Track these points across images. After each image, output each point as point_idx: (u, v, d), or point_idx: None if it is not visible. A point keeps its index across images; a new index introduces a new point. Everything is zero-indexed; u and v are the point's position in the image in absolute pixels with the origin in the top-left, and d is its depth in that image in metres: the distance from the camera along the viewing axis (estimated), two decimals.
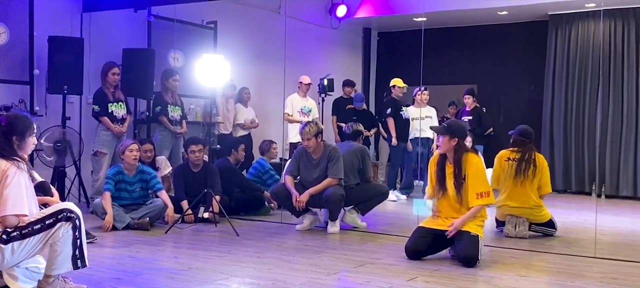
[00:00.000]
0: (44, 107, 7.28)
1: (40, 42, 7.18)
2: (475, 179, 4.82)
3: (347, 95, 9.92)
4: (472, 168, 4.85)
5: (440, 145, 4.94)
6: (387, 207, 7.71)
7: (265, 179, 7.73)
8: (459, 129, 4.97)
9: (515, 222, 6.04)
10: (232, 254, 5.01)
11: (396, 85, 9.17)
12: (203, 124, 8.71)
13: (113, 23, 8.02)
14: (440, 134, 4.93)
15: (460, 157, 4.85)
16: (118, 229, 5.93)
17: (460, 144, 4.88)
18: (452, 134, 4.87)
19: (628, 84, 9.80)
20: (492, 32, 11.09)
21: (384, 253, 5.12)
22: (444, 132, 4.89)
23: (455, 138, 4.86)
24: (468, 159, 4.87)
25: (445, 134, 4.88)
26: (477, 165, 4.88)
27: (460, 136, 4.90)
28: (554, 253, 5.31)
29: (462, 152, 4.87)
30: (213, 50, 8.54)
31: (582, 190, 10.18)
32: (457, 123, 5.31)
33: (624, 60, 9.83)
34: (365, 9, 11.05)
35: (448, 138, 4.86)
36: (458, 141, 4.87)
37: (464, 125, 5.30)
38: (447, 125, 5.01)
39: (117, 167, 6.30)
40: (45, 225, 3.45)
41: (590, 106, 10.12)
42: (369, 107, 10.66)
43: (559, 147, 10.28)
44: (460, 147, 4.88)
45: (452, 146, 4.87)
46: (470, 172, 4.83)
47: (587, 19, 10.13)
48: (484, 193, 4.82)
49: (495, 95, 11.08)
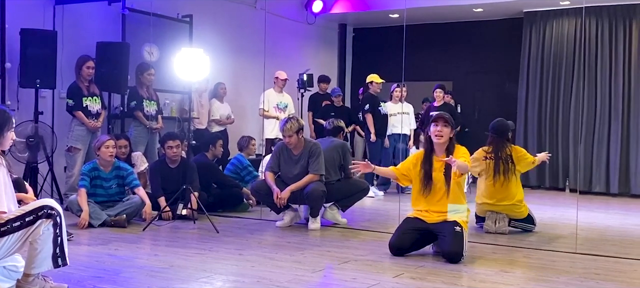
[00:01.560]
0: (15, 102, 7.08)
1: (12, 34, 6.98)
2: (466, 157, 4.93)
3: (323, 91, 9.88)
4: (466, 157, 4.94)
5: (443, 134, 4.87)
6: (365, 203, 7.68)
7: (243, 175, 7.64)
8: (453, 122, 5.02)
9: (495, 217, 6.06)
10: (213, 251, 4.92)
11: (374, 81, 9.15)
12: (178, 119, 8.59)
13: (87, 16, 7.86)
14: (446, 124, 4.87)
15: (453, 146, 4.90)
16: (94, 226, 5.80)
17: (453, 138, 4.95)
18: (453, 126, 4.95)
19: (601, 81, 9.92)
20: (467, 29, 11.14)
21: (367, 250, 5.08)
22: (448, 123, 4.88)
23: (453, 130, 4.94)
24: (461, 151, 4.94)
25: (448, 125, 4.89)
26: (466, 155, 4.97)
27: (455, 128, 5.01)
28: (535, 249, 5.34)
29: (454, 143, 4.94)
30: (188, 44, 8.41)
31: (556, 186, 10.29)
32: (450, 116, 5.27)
33: (598, 58, 9.96)
34: (341, 5, 11.01)
35: (449, 129, 4.90)
36: (454, 134, 4.95)
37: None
38: (449, 118, 4.98)
39: (93, 163, 6.15)
40: (25, 222, 3.33)
41: (564, 103, 10.23)
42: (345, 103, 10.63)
43: (533, 143, 10.37)
44: (453, 139, 4.95)
45: (449, 138, 4.90)
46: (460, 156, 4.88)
47: (562, 17, 10.23)
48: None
49: (471, 92, 11.15)
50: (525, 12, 10.44)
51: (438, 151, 4.91)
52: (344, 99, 10.71)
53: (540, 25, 10.41)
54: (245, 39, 9.55)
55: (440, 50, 11.42)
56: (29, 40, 6.89)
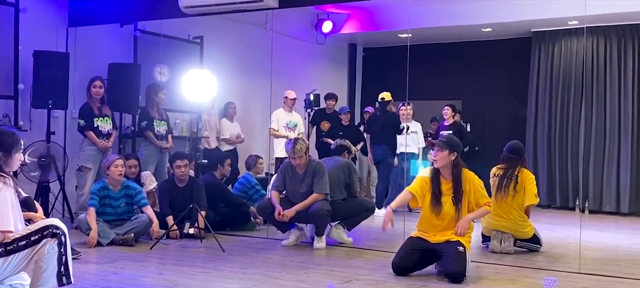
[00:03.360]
0: (28, 122, 7.23)
1: (25, 56, 7.14)
2: (480, 192, 4.87)
3: (330, 108, 9.92)
4: (472, 184, 4.87)
5: (437, 159, 4.90)
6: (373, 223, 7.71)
7: (251, 194, 7.71)
8: (457, 143, 4.96)
9: (500, 237, 6.08)
10: (217, 270, 4.99)
11: (384, 98, 9.19)
12: (189, 139, 8.69)
13: (99, 38, 8.00)
14: (441, 147, 4.87)
15: (460, 171, 4.84)
16: (102, 245, 5.89)
17: (458, 160, 4.88)
18: (452, 148, 4.85)
19: (610, 100, 9.91)
20: (476, 49, 11.18)
21: (371, 269, 5.12)
22: (444, 146, 4.86)
23: (454, 152, 4.85)
24: (469, 176, 4.89)
25: (445, 148, 4.85)
26: (475, 179, 4.91)
27: (459, 151, 4.91)
28: (539, 269, 5.34)
29: (460, 167, 4.87)
30: (199, 65, 8.54)
31: (566, 205, 10.24)
32: (454, 137, 5.23)
33: (607, 77, 9.95)
34: (350, 25, 11.11)
35: (447, 152, 4.83)
36: (456, 156, 4.86)
37: (459, 141, 5.28)
38: (446, 139, 4.96)
39: (102, 183, 6.26)
40: (31, 241, 3.42)
41: (573, 122, 10.22)
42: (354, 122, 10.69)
43: (542, 162, 10.35)
44: (459, 163, 4.88)
45: (451, 161, 4.85)
46: (472, 187, 4.85)
47: (570, 36, 10.25)
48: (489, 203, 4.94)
49: (480, 111, 11.15)
50: (534, 31, 10.47)
51: (444, 174, 4.93)
52: (354, 118, 10.77)
53: (548, 44, 10.43)
54: (256, 59, 9.66)
55: (449, 70, 11.46)
56: (42, 62, 7.04)
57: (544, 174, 10.32)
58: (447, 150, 4.84)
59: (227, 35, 9.52)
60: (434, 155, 4.89)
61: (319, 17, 10.89)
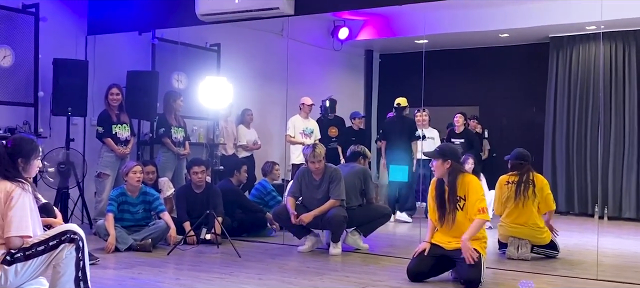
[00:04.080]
0: (48, 129, 7.33)
1: (45, 64, 7.25)
2: (475, 196, 4.84)
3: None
4: (470, 186, 4.86)
5: (435, 169, 4.96)
6: (389, 229, 7.71)
7: (267, 200, 7.74)
8: (450, 151, 5.00)
9: (517, 244, 6.05)
10: (234, 276, 5.02)
11: (400, 104, 9.18)
12: (206, 145, 8.74)
13: (117, 45, 8.09)
14: (433, 157, 4.97)
15: (455, 179, 4.87)
16: (120, 251, 5.95)
17: (454, 166, 4.90)
18: (444, 156, 4.90)
19: (629, 106, 9.82)
20: (493, 55, 11.14)
21: (387, 276, 5.12)
22: (437, 156, 4.93)
23: (448, 160, 4.88)
24: (465, 180, 4.89)
25: (438, 157, 4.91)
26: (473, 183, 4.90)
27: (453, 158, 4.92)
28: (556, 276, 5.31)
29: (456, 173, 4.89)
30: (216, 72, 8.61)
31: (585, 212, 10.15)
32: (449, 146, 5.34)
33: (625, 82, 9.86)
34: (367, 32, 11.12)
35: (441, 161, 4.89)
36: (451, 163, 4.88)
37: (456, 148, 5.34)
38: (439, 149, 5.04)
39: (120, 189, 6.32)
40: (49, 246, 3.47)
41: (592, 128, 10.13)
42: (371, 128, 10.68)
43: (561, 168, 10.28)
44: (454, 169, 4.89)
45: (446, 169, 4.89)
46: (470, 190, 4.85)
47: (588, 42, 10.18)
48: (483, 209, 4.82)
49: (497, 117, 11.10)
50: (551, 37, 10.41)
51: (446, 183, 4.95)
52: (370, 124, 10.76)
53: (566, 50, 10.36)
54: (272, 66, 9.70)
55: (466, 76, 11.43)
56: (61, 70, 7.14)
57: (562, 180, 10.24)
58: (440, 159, 4.90)
59: (244, 42, 9.58)
60: (432, 166, 4.99)
61: (335, 23, 10.92)
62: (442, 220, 4.93)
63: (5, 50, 7.00)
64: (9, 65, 7.04)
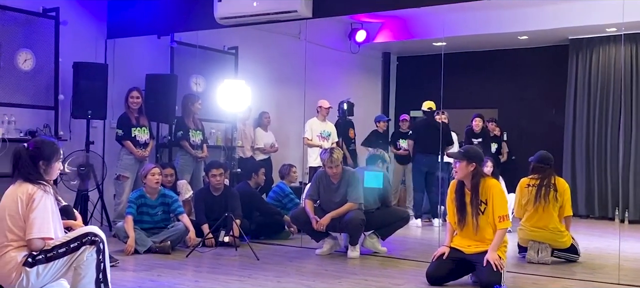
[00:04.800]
0: (68, 132, 7.39)
1: (65, 68, 7.32)
2: (498, 202, 4.80)
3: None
4: (493, 191, 4.82)
5: (457, 171, 4.91)
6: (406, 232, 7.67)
7: (285, 203, 7.75)
8: (475, 153, 4.95)
9: (537, 247, 6.00)
10: (252, 278, 5.02)
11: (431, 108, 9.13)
12: (223, 148, 8.77)
13: (137, 49, 8.15)
14: (457, 159, 4.91)
15: (478, 182, 4.83)
16: (140, 253, 5.98)
17: (478, 170, 4.86)
18: (469, 159, 4.84)
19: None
20: (512, 57, 11.08)
21: (405, 279, 5.10)
22: (461, 157, 4.87)
23: (472, 163, 4.83)
24: (486, 184, 4.85)
25: (462, 159, 4.86)
26: (497, 188, 4.86)
27: (477, 161, 4.87)
28: (576, 280, 5.26)
29: (479, 177, 4.85)
30: (234, 75, 8.63)
31: (605, 215, 10.05)
32: (473, 148, 5.27)
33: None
34: (384, 34, 11.10)
35: (466, 163, 4.83)
36: (475, 166, 4.84)
37: (480, 151, 5.26)
38: (464, 151, 4.99)
39: (140, 191, 6.36)
40: (70, 248, 3.50)
41: (612, 130, 10.03)
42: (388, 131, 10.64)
43: (581, 172, 10.19)
44: (478, 173, 4.85)
45: (470, 171, 4.84)
46: (493, 195, 4.81)
47: (608, 44, 10.08)
48: (503, 217, 4.79)
49: (517, 119, 11.03)
50: (571, 39, 10.32)
51: (467, 186, 4.91)
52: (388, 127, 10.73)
53: (586, 52, 10.27)
54: (290, 69, 9.72)
55: (485, 78, 11.37)
56: (81, 73, 7.20)
57: (582, 184, 10.15)
58: (465, 161, 4.83)
59: (262, 45, 9.60)
60: (454, 167, 4.93)
61: (353, 26, 10.91)
62: (461, 223, 4.89)
63: (26, 54, 7.07)
64: (30, 69, 7.11)
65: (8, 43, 6.93)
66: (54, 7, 7.25)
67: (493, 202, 4.79)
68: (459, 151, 5.08)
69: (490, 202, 4.81)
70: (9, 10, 6.95)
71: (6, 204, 3.54)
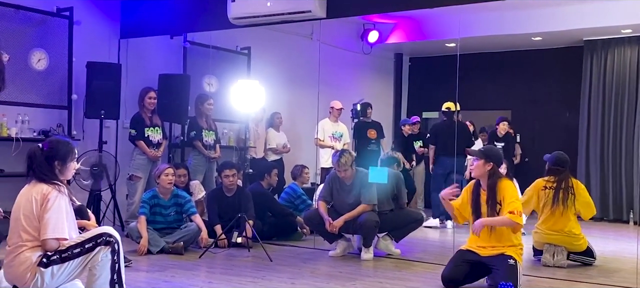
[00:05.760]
0: (81, 132, 7.39)
1: (78, 67, 7.32)
2: (508, 200, 4.74)
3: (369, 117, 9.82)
4: (507, 191, 4.78)
5: (474, 169, 4.88)
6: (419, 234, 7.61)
7: (297, 204, 7.72)
8: (494, 154, 4.95)
9: (553, 250, 5.93)
10: (266, 280, 4.99)
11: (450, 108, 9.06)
12: (236, 149, 8.75)
13: (150, 49, 8.14)
14: (477, 157, 4.89)
15: (495, 182, 4.80)
16: (152, 253, 5.96)
17: (495, 170, 4.83)
18: (487, 158, 4.84)
19: None
20: (526, 58, 11.00)
21: (420, 282, 5.06)
22: (480, 156, 4.87)
23: (490, 162, 4.82)
24: (502, 185, 4.81)
25: (481, 157, 4.84)
26: (511, 189, 4.82)
27: (496, 161, 4.86)
28: (594, 284, 5.19)
29: (496, 177, 4.82)
30: (246, 75, 8.62)
31: (620, 218, 9.96)
32: (492, 148, 5.27)
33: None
34: (397, 35, 11.06)
35: (483, 162, 4.82)
36: (493, 166, 4.82)
37: (499, 152, 5.24)
38: (484, 149, 5.01)
39: (153, 191, 6.34)
40: (85, 249, 3.48)
41: (627, 132, 9.93)
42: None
43: (595, 174, 10.10)
44: (495, 173, 4.82)
45: (487, 171, 4.82)
46: (506, 196, 4.77)
47: (623, 45, 9.99)
48: (516, 212, 4.72)
49: (530, 121, 10.95)
50: (585, 40, 10.23)
51: (483, 185, 4.88)
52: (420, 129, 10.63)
53: (601, 53, 10.18)
54: (302, 69, 9.69)
55: (498, 79, 11.30)
56: (94, 73, 7.20)
57: (596, 186, 10.06)
58: (483, 160, 4.83)
59: (274, 46, 9.58)
60: (471, 165, 4.91)
61: (365, 27, 10.88)
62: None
63: (40, 54, 7.08)
64: (44, 69, 7.12)
65: (22, 42, 6.94)
66: (67, 6, 7.25)
67: (505, 200, 4.75)
68: (479, 149, 5.08)
69: (503, 202, 4.76)
70: (23, 10, 6.95)
71: (21, 204, 3.53)
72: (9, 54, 6.67)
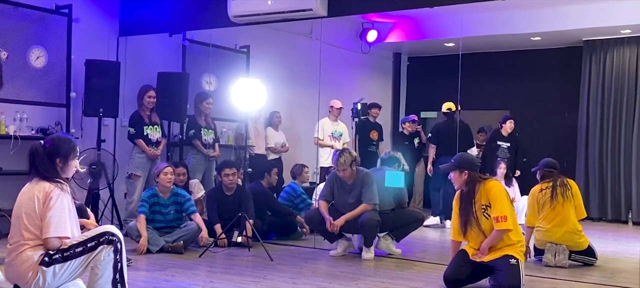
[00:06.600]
0: (79, 130, 7.35)
1: (77, 66, 7.27)
2: (495, 203, 4.70)
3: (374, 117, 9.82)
4: (491, 193, 4.73)
5: (453, 182, 4.88)
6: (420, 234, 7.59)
7: (297, 203, 7.69)
8: (466, 161, 4.88)
9: (554, 250, 5.91)
10: (267, 279, 4.96)
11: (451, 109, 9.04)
12: (235, 148, 8.72)
13: (149, 47, 8.10)
14: (449, 170, 4.86)
15: (473, 188, 4.76)
16: (152, 252, 5.92)
17: (472, 176, 4.79)
18: (460, 167, 4.80)
19: None
20: (525, 58, 10.99)
21: (422, 282, 5.03)
22: (452, 168, 4.84)
23: (465, 171, 4.79)
24: (486, 187, 4.76)
25: (454, 169, 4.82)
26: (495, 189, 4.76)
27: (469, 167, 4.81)
28: (596, 284, 5.18)
29: (474, 183, 4.78)
30: (246, 74, 8.58)
31: (618, 218, 9.96)
32: (463, 155, 5.10)
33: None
34: (395, 34, 11.04)
35: (458, 173, 4.80)
36: (469, 174, 4.79)
37: (469, 156, 5.19)
38: (454, 160, 4.90)
39: (152, 190, 6.31)
40: (87, 248, 3.45)
41: (626, 133, 9.93)
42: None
43: (594, 174, 10.09)
44: (472, 179, 4.78)
45: (464, 180, 4.79)
46: (491, 199, 4.72)
47: (622, 45, 9.98)
48: (500, 218, 4.67)
49: (529, 121, 10.94)
50: (585, 40, 10.22)
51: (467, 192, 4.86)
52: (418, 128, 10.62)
53: (600, 54, 10.17)
54: (301, 68, 9.66)
55: (497, 79, 11.29)
56: (93, 71, 7.15)
57: (595, 186, 10.06)
58: (457, 171, 4.81)
59: (273, 44, 9.55)
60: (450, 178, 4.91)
61: (364, 26, 10.85)
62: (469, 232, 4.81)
63: (38, 51, 7.03)
64: (42, 66, 7.07)
65: (20, 40, 6.89)
66: (66, 4, 7.21)
67: (492, 203, 4.70)
68: (450, 162, 4.93)
69: (492, 206, 4.72)
70: (22, 7, 6.91)
71: (22, 202, 3.49)
72: (8, 52, 6.64)
